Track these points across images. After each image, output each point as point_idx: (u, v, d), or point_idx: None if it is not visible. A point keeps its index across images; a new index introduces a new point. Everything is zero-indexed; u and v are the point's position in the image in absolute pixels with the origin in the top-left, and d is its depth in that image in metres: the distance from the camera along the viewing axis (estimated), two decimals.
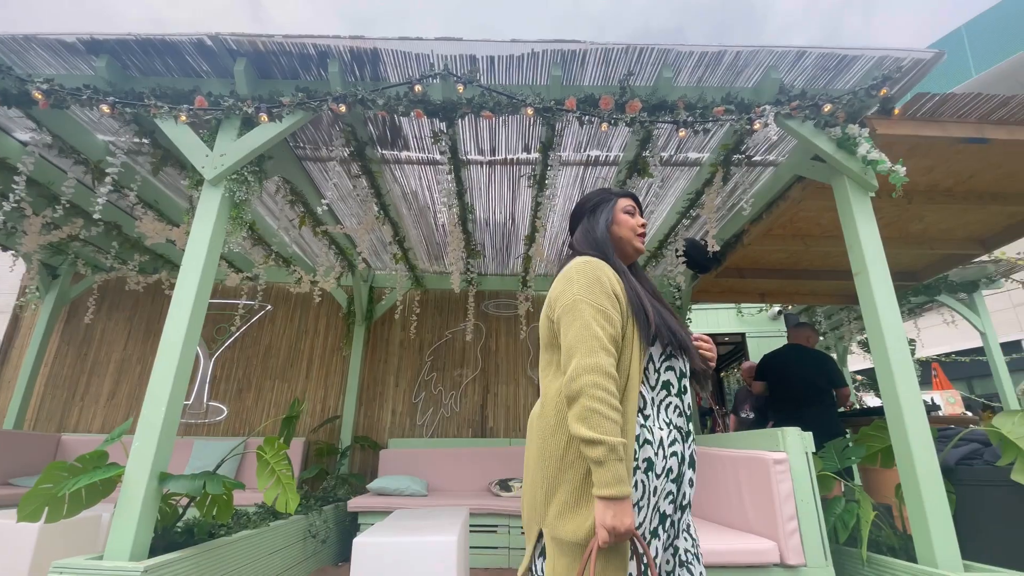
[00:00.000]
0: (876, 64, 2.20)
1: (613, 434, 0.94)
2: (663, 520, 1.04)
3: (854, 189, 2.19)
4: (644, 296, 1.13)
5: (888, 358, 1.94)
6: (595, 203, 1.31)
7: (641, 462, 1.02)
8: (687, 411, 1.14)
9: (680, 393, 1.14)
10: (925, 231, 3.35)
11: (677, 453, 1.08)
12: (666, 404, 1.11)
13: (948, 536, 1.74)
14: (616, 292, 1.09)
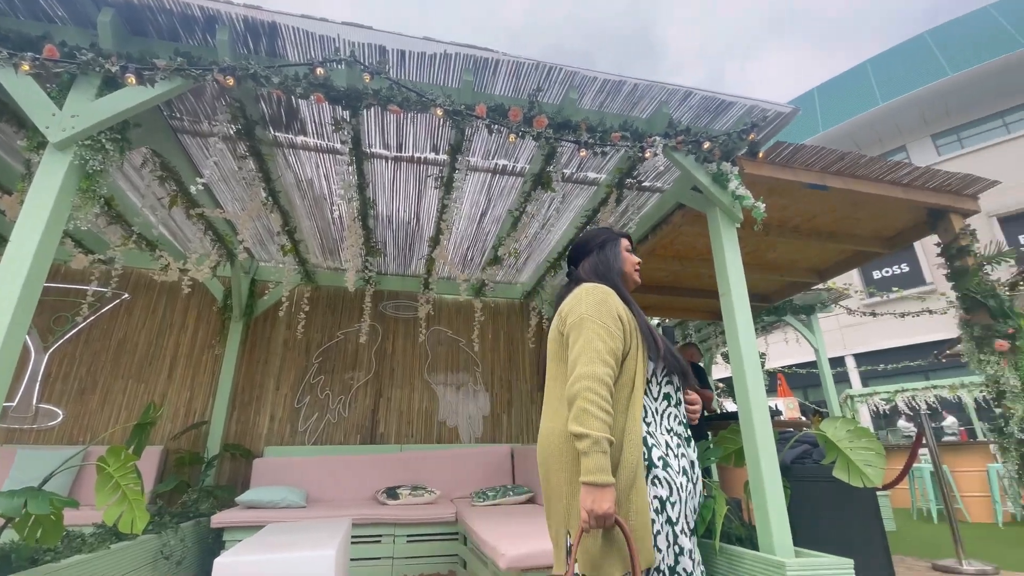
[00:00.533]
0: (747, 112, 2.52)
1: (598, 430, 1.07)
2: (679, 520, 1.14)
3: (724, 219, 2.47)
4: (644, 323, 1.30)
5: (744, 369, 2.21)
6: (602, 241, 1.49)
7: (656, 460, 1.16)
8: (685, 420, 1.31)
9: (678, 404, 1.31)
10: (777, 260, 3.89)
11: (686, 455, 1.24)
12: (667, 413, 1.27)
13: (783, 526, 2.02)
14: (621, 315, 1.25)
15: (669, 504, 1.14)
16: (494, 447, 4.49)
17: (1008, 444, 2.64)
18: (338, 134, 2.65)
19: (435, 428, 4.64)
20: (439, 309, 4.99)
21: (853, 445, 2.04)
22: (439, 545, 3.45)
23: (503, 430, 4.77)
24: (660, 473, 1.15)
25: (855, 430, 2.07)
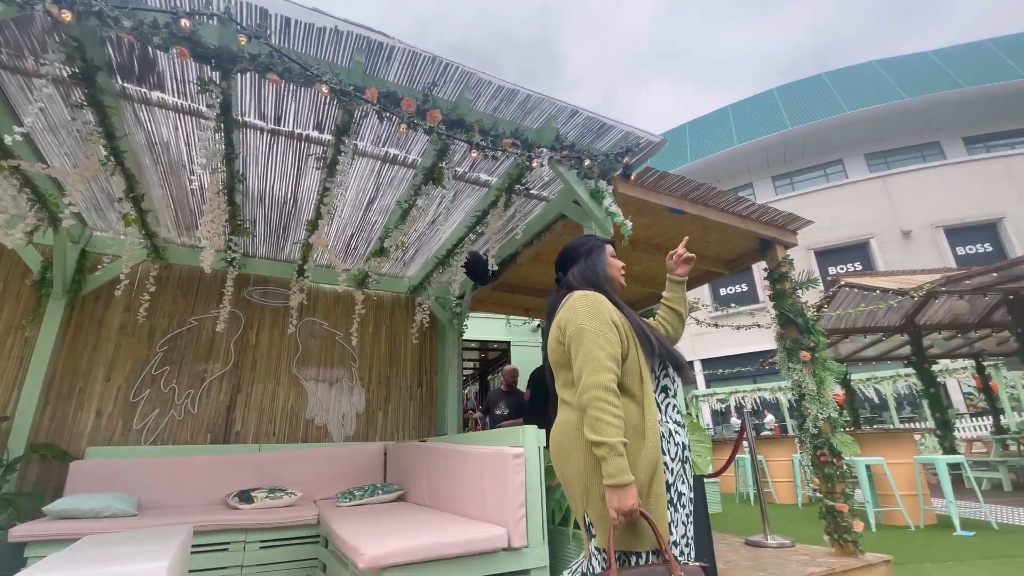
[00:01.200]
0: (624, 137, 2.76)
1: (613, 436, 1.19)
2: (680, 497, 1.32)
3: (598, 233, 2.68)
4: (638, 325, 1.41)
5: None
6: (588, 248, 1.61)
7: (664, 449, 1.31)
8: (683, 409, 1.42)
9: (675, 395, 1.43)
10: (642, 273, 4.31)
11: (678, 442, 1.37)
12: (667, 404, 1.40)
13: None
14: (615, 320, 1.36)
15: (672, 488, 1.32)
16: (366, 445, 4.34)
17: (805, 438, 3.23)
18: (204, 96, 2.37)
19: (301, 427, 4.35)
20: (315, 299, 4.69)
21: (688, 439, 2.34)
22: (298, 550, 3.25)
23: (378, 428, 4.63)
24: (667, 460, 1.32)
25: (689, 425, 2.38)
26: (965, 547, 3.64)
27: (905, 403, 14.44)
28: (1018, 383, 11.34)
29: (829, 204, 19.40)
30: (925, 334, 7.99)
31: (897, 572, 2.95)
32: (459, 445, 2.77)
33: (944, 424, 7.29)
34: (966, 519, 4.55)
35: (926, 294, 5.84)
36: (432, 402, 4.86)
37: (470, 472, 2.57)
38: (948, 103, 20.69)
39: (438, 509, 2.89)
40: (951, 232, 17.93)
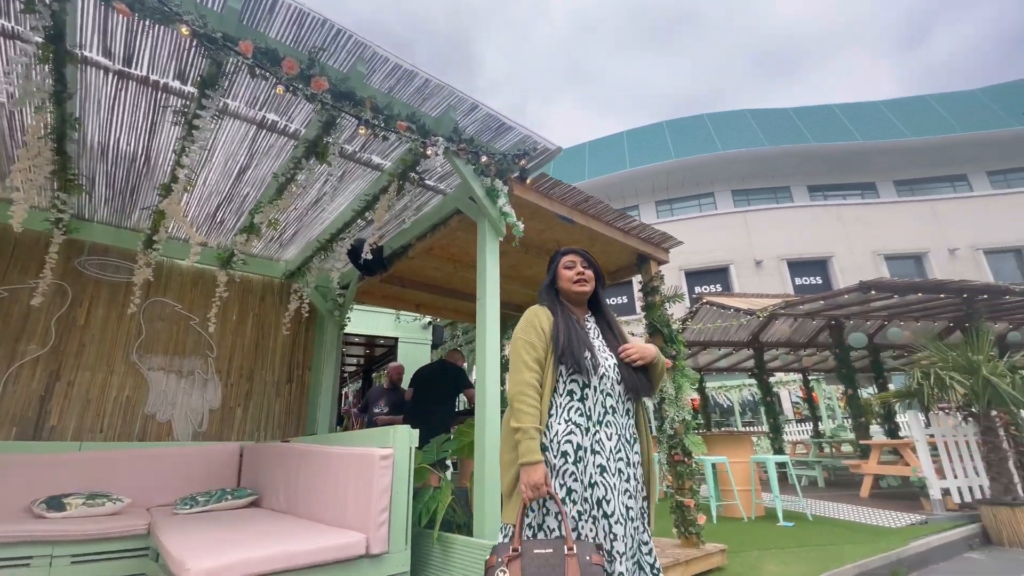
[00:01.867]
0: (523, 140, 2.78)
1: (528, 423, 1.46)
2: (570, 492, 1.47)
3: (490, 231, 2.66)
4: (564, 330, 1.60)
5: (486, 367, 2.40)
6: (549, 263, 1.82)
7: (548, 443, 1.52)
8: (589, 412, 1.55)
9: (583, 399, 1.57)
10: (533, 276, 4.40)
11: (572, 442, 1.51)
12: (570, 407, 1.56)
13: (495, 511, 2.24)
14: (543, 328, 1.61)
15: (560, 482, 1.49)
16: (218, 445, 3.87)
17: (662, 438, 3.50)
18: (29, 17, 1.92)
19: (138, 423, 3.75)
20: (166, 276, 4.09)
21: None
22: (121, 565, 2.76)
23: (235, 426, 4.15)
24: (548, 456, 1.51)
25: None
26: (786, 536, 4.22)
27: (747, 409, 16.59)
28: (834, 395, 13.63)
29: (700, 231, 21.71)
30: (766, 350, 9.24)
31: (730, 559, 3.32)
32: (323, 446, 2.56)
33: (776, 428, 8.47)
34: (788, 511, 5.29)
35: (769, 315, 6.74)
36: (303, 399, 4.49)
37: (333, 475, 2.38)
38: (797, 154, 24.31)
39: (294, 515, 2.64)
40: (792, 264, 21.04)
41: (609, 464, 1.50)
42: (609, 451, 1.52)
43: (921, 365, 4.87)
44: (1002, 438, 4.65)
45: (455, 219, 3.27)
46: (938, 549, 3.97)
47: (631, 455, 1.57)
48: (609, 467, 1.50)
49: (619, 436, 1.56)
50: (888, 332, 7.43)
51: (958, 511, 4.72)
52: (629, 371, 1.62)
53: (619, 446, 1.55)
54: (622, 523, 1.45)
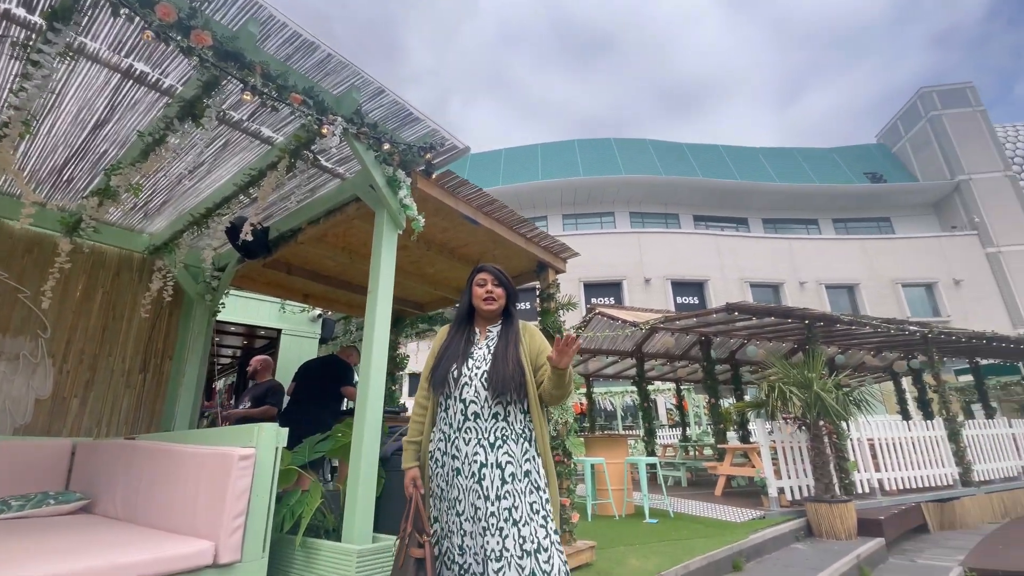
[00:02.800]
0: (431, 134, 2.72)
1: (406, 436, 1.84)
2: (439, 490, 1.72)
3: (388, 222, 2.57)
4: (441, 350, 1.86)
5: (371, 363, 2.29)
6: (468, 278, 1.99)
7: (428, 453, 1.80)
8: (451, 420, 1.75)
9: (446, 409, 1.78)
10: (435, 275, 4.33)
11: (439, 449, 1.75)
12: (441, 417, 1.79)
13: (366, 515, 2.14)
14: (435, 348, 1.88)
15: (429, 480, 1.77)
16: (44, 442, 3.27)
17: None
18: None
19: None
20: None
21: None
22: None
23: (69, 420, 3.55)
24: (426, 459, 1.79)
25: None
26: (649, 532, 4.57)
27: (629, 414, 17.84)
28: (701, 404, 15.15)
29: (600, 246, 23.03)
30: (647, 360, 10.01)
31: (598, 555, 3.51)
32: (174, 444, 2.27)
33: (650, 432, 9.20)
34: (654, 509, 5.75)
35: (650, 328, 7.31)
36: (159, 392, 3.96)
37: (184, 477, 2.12)
38: (687, 186, 26.81)
39: (133, 522, 2.31)
40: (675, 284, 23.10)
41: (464, 468, 1.67)
42: (465, 455, 1.67)
43: (769, 380, 5.58)
44: (826, 444, 5.48)
45: (353, 207, 3.10)
46: (771, 541, 4.57)
47: (491, 457, 1.64)
48: (463, 470, 1.66)
49: (477, 440, 1.68)
50: (747, 350, 8.45)
51: (790, 507, 5.47)
52: (496, 377, 1.70)
53: (476, 449, 1.67)
54: (470, 521, 1.63)
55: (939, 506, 6.11)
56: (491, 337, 1.87)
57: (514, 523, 1.54)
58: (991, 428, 7.59)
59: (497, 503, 1.56)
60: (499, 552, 1.50)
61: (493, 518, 1.55)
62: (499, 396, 1.71)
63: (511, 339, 1.82)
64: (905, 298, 23.86)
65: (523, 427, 1.73)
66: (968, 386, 11.91)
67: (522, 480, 1.62)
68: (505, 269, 4.32)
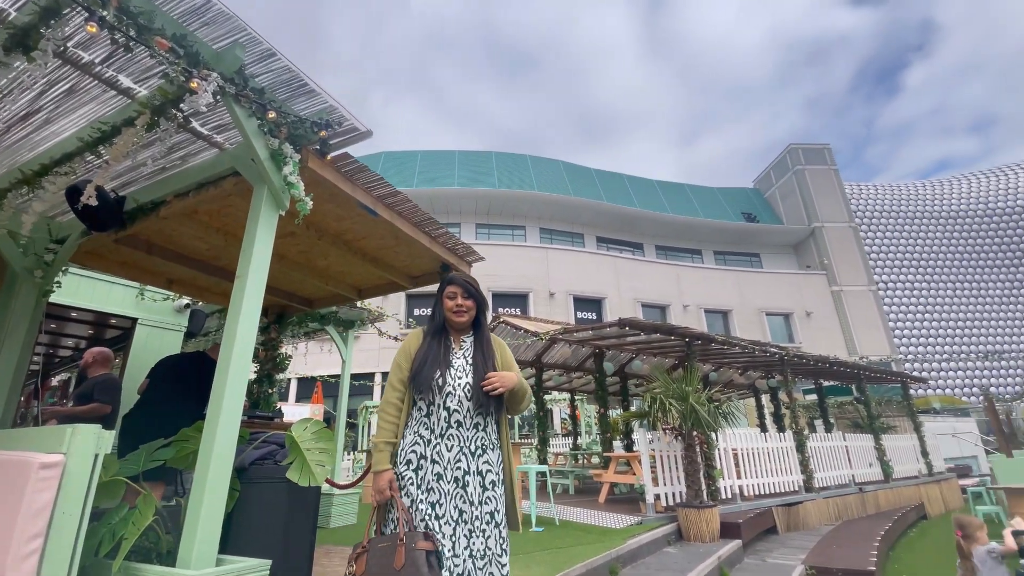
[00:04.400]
0: (328, 110, 2.49)
1: (380, 438, 1.82)
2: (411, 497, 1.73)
3: (268, 201, 2.29)
4: (422, 355, 1.86)
5: (230, 359, 2.00)
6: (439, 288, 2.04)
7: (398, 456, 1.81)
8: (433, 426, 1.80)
9: (428, 415, 1.82)
10: (327, 269, 4.01)
11: (416, 452, 1.77)
12: (419, 421, 1.82)
13: (210, 534, 1.84)
14: (411, 352, 1.91)
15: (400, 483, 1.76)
16: None
17: None
18: None
19: None
20: None
21: (313, 446, 2.13)
22: None
23: None
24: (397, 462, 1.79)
25: (319, 432, 2.19)
26: (534, 540, 4.57)
27: (525, 423, 18.13)
28: (593, 414, 15.83)
29: (511, 258, 23.39)
30: (546, 370, 10.24)
31: None
32: None
33: (543, 441, 9.37)
34: (541, 517, 5.79)
35: (550, 338, 7.48)
36: None
37: None
38: (592, 208, 28.28)
39: None
40: (577, 300, 24.13)
41: (446, 472, 1.74)
42: (448, 461, 1.76)
43: (652, 392, 5.94)
44: (698, 453, 5.93)
45: (231, 181, 2.74)
46: (647, 545, 4.80)
47: (472, 465, 1.78)
48: (446, 475, 1.74)
49: (460, 448, 1.78)
50: (634, 364, 8.98)
51: (664, 513, 5.82)
52: (480, 391, 1.81)
53: (459, 456, 1.77)
54: (451, 524, 1.69)
55: (787, 509, 6.89)
56: (465, 347, 1.96)
57: (496, 525, 1.74)
58: (829, 441, 8.78)
59: (480, 507, 1.73)
60: (483, 551, 1.69)
61: (478, 521, 1.72)
62: (480, 409, 1.83)
63: (487, 353, 1.93)
64: (768, 325, 27.20)
65: (496, 437, 1.88)
66: (812, 404, 13.75)
67: (499, 487, 1.80)
68: (408, 268, 4.16)
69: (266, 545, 2.15)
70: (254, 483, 2.21)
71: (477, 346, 1.95)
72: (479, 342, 1.96)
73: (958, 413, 23.29)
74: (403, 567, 1.52)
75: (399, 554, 1.55)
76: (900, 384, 12.04)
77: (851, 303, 28.92)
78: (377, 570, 1.57)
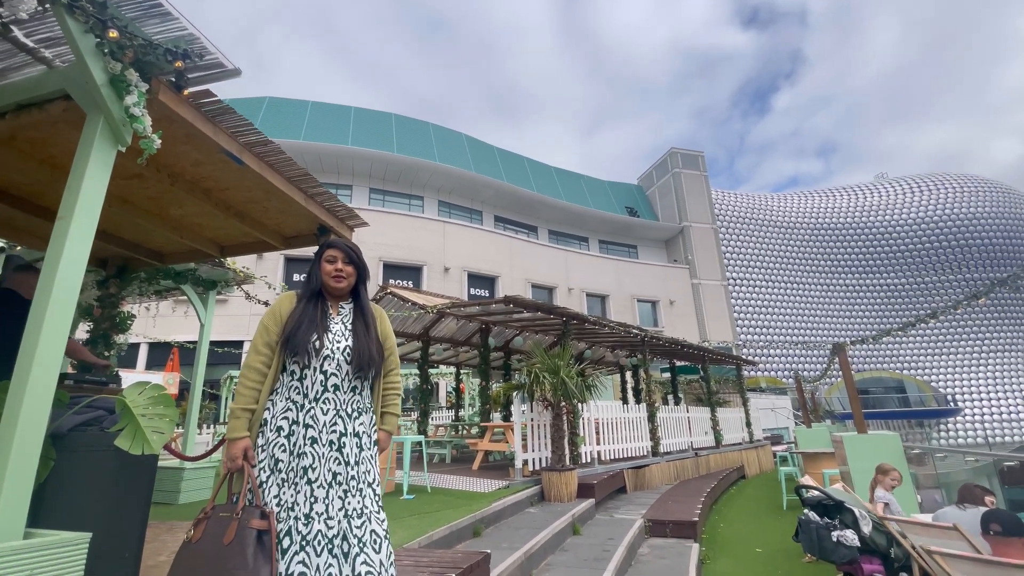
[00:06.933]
0: (187, 37, 2.21)
1: (238, 404, 1.74)
2: (277, 463, 1.70)
3: (104, 132, 2.00)
4: (296, 318, 1.81)
5: (46, 310, 1.74)
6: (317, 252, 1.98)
7: (268, 419, 1.75)
8: (307, 391, 1.77)
9: (301, 379, 1.79)
10: (182, 219, 3.59)
11: (288, 419, 1.75)
12: (290, 387, 1.79)
13: (16, 503, 1.62)
14: (282, 314, 1.84)
15: (259, 450, 1.72)
16: None
17: None
18: None
19: None
20: None
21: (149, 411, 1.96)
22: None
23: None
24: (265, 430, 1.74)
25: (158, 397, 2.01)
26: (404, 507, 4.66)
27: (411, 396, 18.06)
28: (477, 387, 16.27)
29: (405, 229, 22.75)
30: (433, 343, 10.27)
31: None
32: None
33: (424, 413, 9.46)
34: (413, 485, 5.89)
35: (439, 312, 7.51)
36: None
37: None
38: (493, 187, 28.47)
39: None
40: (471, 277, 24.32)
41: (321, 436, 1.72)
42: (323, 424, 1.73)
43: (530, 366, 6.30)
44: (564, 422, 6.44)
45: (60, 105, 2.32)
46: (511, 507, 5.14)
47: (350, 426, 1.77)
48: (321, 439, 1.72)
49: (336, 411, 1.77)
50: (516, 340, 9.39)
51: (530, 476, 6.26)
52: (362, 355, 1.81)
53: (335, 420, 1.75)
54: (324, 487, 1.68)
55: (635, 472, 7.81)
56: (344, 313, 1.93)
57: (369, 484, 1.76)
58: (675, 412, 10.06)
59: (356, 467, 1.74)
60: (360, 509, 1.70)
61: (354, 480, 1.72)
62: (360, 372, 1.82)
63: (369, 320, 1.91)
64: (638, 310, 29.98)
65: (370, 401, 1.91)
66: (667, 381, 15.58)
67: (371, 448, 1.83)
68: (280, 227, 3.88)
69: (88, 519, 1.94)
70: (74, 451, 1.96)
71: (358, 313, 1.92)
72: (359, 309, 1.94)
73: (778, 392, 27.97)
74: (230, 543, 1.49)
75: (231, 529, 1.52)
76: (736, 366, 14.12)
77: (706, 295, 33.00)
78: (210, 540, 1.53)
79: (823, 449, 8.22)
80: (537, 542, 3.97)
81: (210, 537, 1.53)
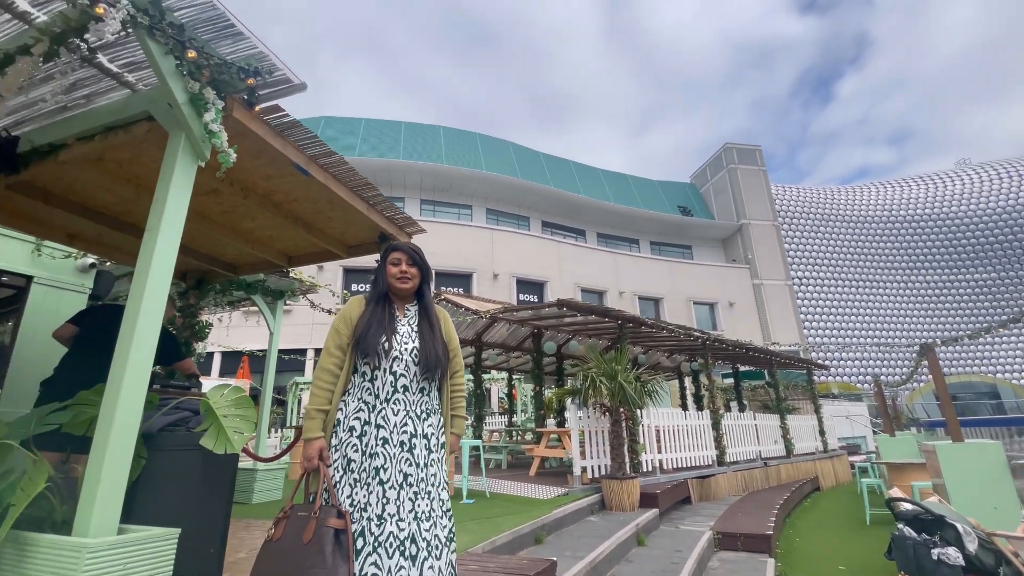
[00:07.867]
0: (257, 56, 2.32)
1: (313, 404, 1.79)
2: (349, 463, 1.73)
3: (186, 149, 2.12)
4: (366, 320, 1.84)
5: (137, 321, 1.85)
6: (381, 256, 2.06)
7: (342, 419, 1.79)
8: (378, 391, 1.80)
9: (372, 380, 1.81)
10: (254, 231, 3.78)
11: (360, 419, 1.77)
12: (363, 387, 1.82)
13: (111, 501, 1.72)
14: (352, 317, 1.88)
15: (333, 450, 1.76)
16: None
17: None
18: None
19: None
20: None
21: (231, 413, 2.04)
22: None
23: None
24: (338, 430, 1.78)
25: (239, 400, 2.09)
26: (464, 511, 4.66)
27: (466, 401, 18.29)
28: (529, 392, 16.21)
29: (456, 238, 23.15)
30: (486, 349, 10.32)
31: None
32: None
33: (479, 418, 9.50)
34: (472, 490, 5.90)
35: (491, 317, 7.53)
36: None
37: None
38: (539, 193, 28.48)
39: None
40: (520, 282, 24.37)
41: (392, 437, 1.75)
42: (394, 425, 1.76)
43: (585, 371, 6.16)
44: (623, 429, 6.25)
45: (144, 126, 2.50)
46: (571, 514, 5.03)
47: (419, 428, 1.80)
48: (392, 439, 1.74)
49: (407, 412, 1.79)
50: (571, 344, 9.25)
51: (589, 484, 6.11)
52: (429, 356, 1.84)
53: (405, 420, 1.78)
54: (395, 488, 1.69)
55: (700, 482, 7.45)
56: (410, 315, 1.96)
57: (437, 487, 1.78)
58: (741, 420, 9.54)
59: (426, 470, 1.76)
60: (428, 512, 1.72)
61: (423, 483, 1.74)
62: (427, 373, 1.86)
63: (433, 322, 1.95)
64: (695, 313, 28.85)
65: (438, 403, 1.93)
66: (729, 387, 14.85)
67: (439, 451, 1.84)
68: (343, 235, 4.00)
69: (176, 515, 2.05)
70: (164, 450, 2.08)
71: (422, 314, 1.97)
72: (424, 310, 1.98)
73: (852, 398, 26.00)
74: (309, 542, 1.52)
75: (309, 528, 1.55)
76: (806, 370, 13.25)
77: (769, 295, 31.29)
78: (290, 539, 1.56)
79: (910, 459, 7.51)
80: (602, 552, 3.84)
81: (290, 536, 1.56)
